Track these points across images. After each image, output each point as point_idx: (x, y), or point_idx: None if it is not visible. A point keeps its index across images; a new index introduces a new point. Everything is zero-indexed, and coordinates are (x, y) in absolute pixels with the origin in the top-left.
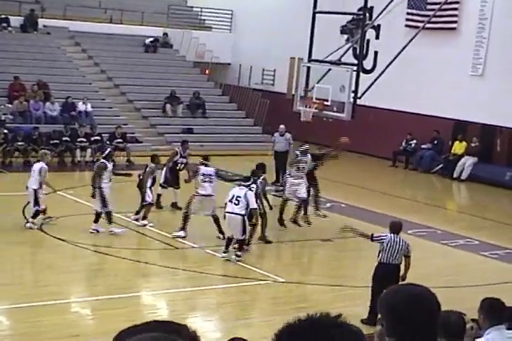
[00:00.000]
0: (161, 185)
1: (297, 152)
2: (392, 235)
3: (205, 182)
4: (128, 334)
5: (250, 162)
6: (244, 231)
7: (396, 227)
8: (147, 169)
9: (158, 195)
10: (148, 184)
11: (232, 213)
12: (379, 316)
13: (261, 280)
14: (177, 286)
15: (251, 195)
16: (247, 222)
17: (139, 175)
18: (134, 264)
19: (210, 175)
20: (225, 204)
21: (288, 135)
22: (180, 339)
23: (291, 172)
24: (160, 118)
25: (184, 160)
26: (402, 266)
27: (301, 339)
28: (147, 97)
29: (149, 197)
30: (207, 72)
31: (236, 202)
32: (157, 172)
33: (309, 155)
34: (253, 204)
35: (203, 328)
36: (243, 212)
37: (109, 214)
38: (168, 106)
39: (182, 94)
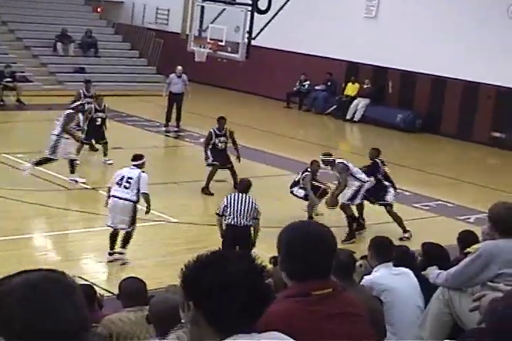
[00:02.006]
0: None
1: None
2: (235, 194)
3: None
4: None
5: (145, 103)
6: (133, 222)
7: (241, 185)
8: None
9: None
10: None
11: (120, 198)
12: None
13: (154, 220)
14: (69, 227)
15: (145, 178)
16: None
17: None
18: (27, 206)
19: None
20: (108, 187)
21: (184, 76)
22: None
23: None
24: (51, 57)
25: (89, 100)
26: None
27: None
28: (37, 35)
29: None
30: (99, 10)
31: (127, 184)
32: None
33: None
34: (144, 188)
35: (95, 269)
36: (134, 198)
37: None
38: (59, 44)
39: (73, 33)
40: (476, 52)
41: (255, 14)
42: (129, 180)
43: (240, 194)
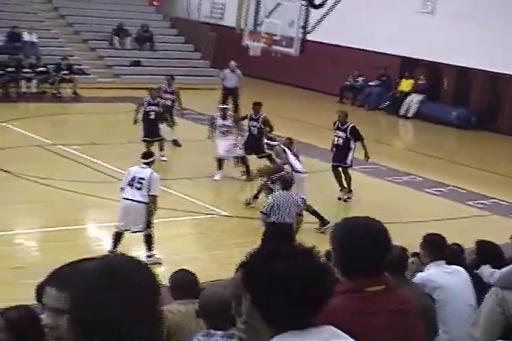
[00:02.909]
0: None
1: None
2: (281, 192)
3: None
4: (60, 273)
5: (199, 96)
6: (148, 223)
7: (285, 182)
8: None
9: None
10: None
11: (133, 200)
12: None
13: (206, 213)
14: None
15: (157, 179)
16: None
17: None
18: (80, 196)
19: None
20: (121, 188)
21: (239, 71)
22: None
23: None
24: (107, 50)
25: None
26: None
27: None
28: (94, 28)
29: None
30: (155, 4)
31: (138, 185)
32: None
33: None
34: (156, 190)
35: (147, 261)
36: (147, 199)
37: None
38: (115, 38)
39: (130, 27)
40: None
41: (310, 9)
42: (141, 181)
43: (285, 192)
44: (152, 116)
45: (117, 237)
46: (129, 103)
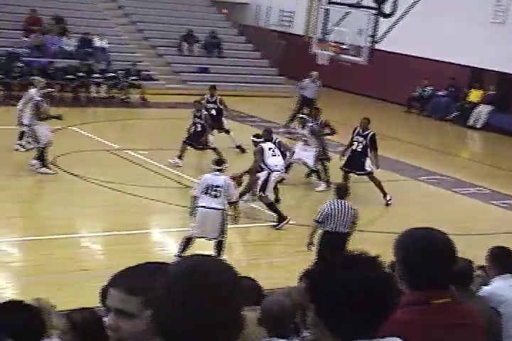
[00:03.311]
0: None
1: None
2: (337, 201)
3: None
4: (124, 275)
5: (266, 104)
6: (223, 230)
7: (340, 191)
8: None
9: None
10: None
11: (210, 208)
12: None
13: (270, 221)
14: (185, 225)
15: (232, 185)
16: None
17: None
18: (145, 201)
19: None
20: (194, 197)
21: (319, 82)
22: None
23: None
24: (176, 56)
25: (214, 106)
26: None
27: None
28: (163, 35)
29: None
30: (224, 11)
31: (214, 193)
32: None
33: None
34: (234, 196)
35: None
36: (223, 206)
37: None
38: (184, 44)
39: (199, 33)
40: None
41: (379, 18)
42: (217, 188)
43: (341, 201)
44: (199, 129)
45: (187, 243)
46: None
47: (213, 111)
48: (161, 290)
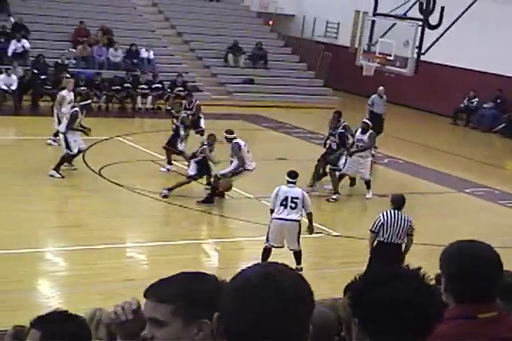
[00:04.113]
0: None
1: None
2: (392, 211)
3: None
4: (156, 285)
5: (311, 115)
6: (299, 239)
7: (396, 202)
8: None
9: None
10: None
11: (287, 220)
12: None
13: (316, 232)
14: (230, 235)
15: (308, 197)
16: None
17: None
18: (189, 212)
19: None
20: (271, 210)
21: (385, 97)
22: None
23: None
24: (221, 67)
25: (190, 113)
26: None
27: (384, 289)
28: (209, 46)
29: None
30: (270, 22)
31: (292, 205)
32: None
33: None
34: (309, 207)
35: None
36: (300, 218)
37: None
38: (230, 56)
39: (244, 45)
40: None
41: (426, 29)
42: (295, 200)
43: (396, 211)
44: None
45: (266, 254)
46: (241, 120)
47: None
48: (234, 298)
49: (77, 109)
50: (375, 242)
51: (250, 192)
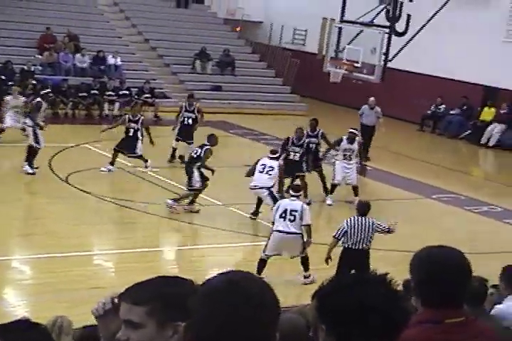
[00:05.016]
0: (176, 139)
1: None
2: (356, 218)
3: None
4: (132, 288)
5: (279, 121)
6: (304, 248)
7: (360, 209)
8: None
9: (174, 149)
10: None
11: (287, 233)
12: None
13: None
14: (199, 242)
15: (307, 210)
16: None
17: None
18: (157, 219)
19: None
20: (272, 222)
21: (378, 108)
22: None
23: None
24: (189, 74)
25: (192, 115)
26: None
27: (349, 294)
28: (177, 53)
29: None
30: (238, 29)
31: (291, 217)
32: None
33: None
34: (307, 220)
35: None
36: (300, 230)
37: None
38: (197, 62)
39: (212, 51)
40: None
41: (392, 36)
42: (293, 213)
43: (361, 218)
44: (130, 134)
45: (261, 264)
46: (208, 127)
47: (190, 120)
48: (201, 304)
49: (39, 99)
50: (342, 248)
51: (218, 199)
